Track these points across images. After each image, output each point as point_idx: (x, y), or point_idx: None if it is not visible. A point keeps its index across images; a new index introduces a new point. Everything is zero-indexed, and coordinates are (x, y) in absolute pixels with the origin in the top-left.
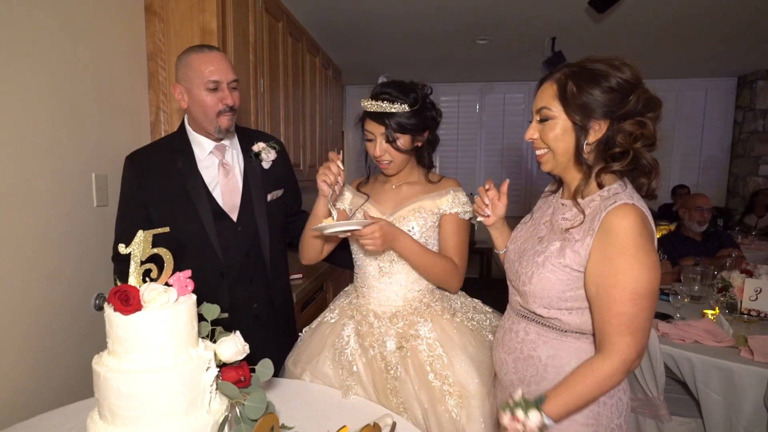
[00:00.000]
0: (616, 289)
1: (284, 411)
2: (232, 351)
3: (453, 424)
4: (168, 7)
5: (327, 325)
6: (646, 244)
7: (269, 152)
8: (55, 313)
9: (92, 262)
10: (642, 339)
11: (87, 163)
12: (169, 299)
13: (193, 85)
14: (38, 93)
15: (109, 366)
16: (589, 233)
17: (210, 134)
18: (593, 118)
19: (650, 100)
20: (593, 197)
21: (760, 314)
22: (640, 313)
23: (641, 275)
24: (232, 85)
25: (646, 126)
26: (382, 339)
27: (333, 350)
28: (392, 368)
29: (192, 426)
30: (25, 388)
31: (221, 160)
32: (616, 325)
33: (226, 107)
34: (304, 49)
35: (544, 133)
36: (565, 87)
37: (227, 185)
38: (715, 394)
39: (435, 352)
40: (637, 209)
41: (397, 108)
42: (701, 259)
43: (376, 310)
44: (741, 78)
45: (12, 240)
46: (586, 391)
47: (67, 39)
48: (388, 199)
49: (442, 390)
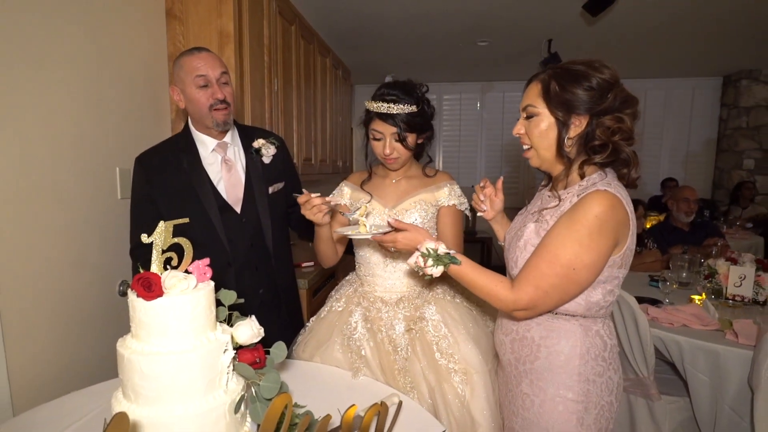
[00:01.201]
0: (549, 253)
1: (297, 391)
2: (247, 334)
3: (458, 399)
4: (187, 12)
5: (335, 313)
6: (599, 226)
7: (269, 148)
8: (82, 299)
9: (116, 250)
10: (542, 297)
11: (112, 158)
12: (189, 286)
13: (185, 85)
14: (67, 93)
15: (133, 348)
16: (558, 214)
17: (210, 131)
18: (574, 114)
19: (627, 97)
20: (574, 187)
21: (744, 299)
22: (553, 278)
23: (574, 250)
24: (222, 80)
25: (624, 121)
26: (390, 323)
27: (342, 336)
28: (401, 350)
29: (210, 405)
30: (52, 370)
31: (224, 156)
32: (532, 276)
33: (216, 101)
34: (315, 50)
35: (530, 129)
36: (548, 86)
37: (230, 180)
38: (702, 375)
39: (440, 332)
40: (609, 195)
41: (404, 108)
42: (689, 247)
43: (383, 296)
44: (726, 77)
45: (42, 230)
46: (478, 287)
47: (93, 43)
48: (389, 193)
49: (448, 368)
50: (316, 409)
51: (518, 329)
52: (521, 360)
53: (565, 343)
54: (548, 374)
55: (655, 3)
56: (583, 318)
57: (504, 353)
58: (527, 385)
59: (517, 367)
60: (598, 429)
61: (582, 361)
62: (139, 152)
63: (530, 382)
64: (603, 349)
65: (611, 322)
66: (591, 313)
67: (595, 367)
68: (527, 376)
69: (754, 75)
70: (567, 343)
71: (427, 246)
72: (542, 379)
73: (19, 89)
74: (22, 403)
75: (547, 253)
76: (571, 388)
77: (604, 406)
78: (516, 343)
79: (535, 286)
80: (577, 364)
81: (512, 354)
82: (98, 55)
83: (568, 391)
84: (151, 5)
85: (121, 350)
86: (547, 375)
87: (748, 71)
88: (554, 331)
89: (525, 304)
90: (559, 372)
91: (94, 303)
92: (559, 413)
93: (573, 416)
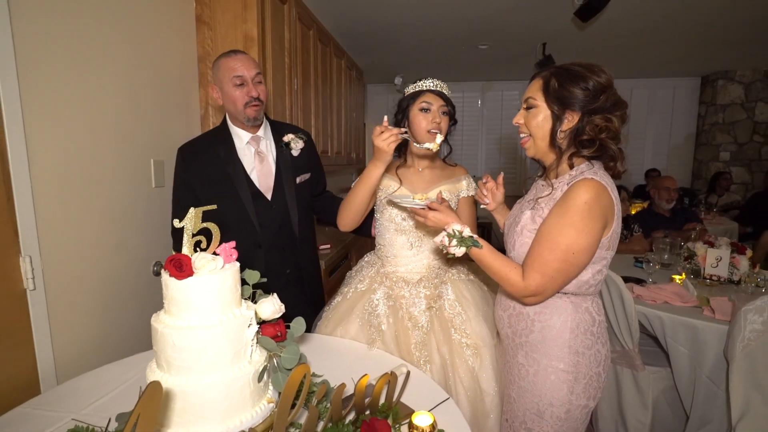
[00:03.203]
0: (549, 241)
1: (315, 362)
2: (270, 310)
3: (469, 371)
4: (215, 18)
5: (358, 293)
6: (589, 211)
7: (297, 142)
8: (120, 278)
9: (151, 234)
10: (549, 282)
11: (146, 151)
12: (217, 266)
13: (223, 84)
14: (106, 92)
15: (166, 323)
16: (553, 201)
17: (244, 125)
18: (568, 109)
19: (618, 101)
20: (564, 176)
21: (720, 279)
22: (556, 263)
23: (570, 235)
24: (257, 79)
25: (612, 122)
26: (412, 301)
27: (363, 312)
28: (422, 326)
29: (236, 374)
30: (93, 342)
31: (257, 149)
32: (537, 264)
33: (251, 99)
34: (331, 53)
35: (528, 119)
36: (549, 82)
37: (262, 170)
38: (682, 347)
39: (455, 309)
40: (595, 182)
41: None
42: (670, 232)
43: (405, 276)
44: (704, 78)
45: (84, 216)
46: (493, 270)
47: (130, 46)
48: (416, 181)
49: (461, 342)
50: (332, 379)
51: (515, 305)
52: (517, 333)
53: (557, 319)
54: (542, 346)
55: (639, 11)
56: (574, 296)
57: (502, 327)
58: (523, 357)
59: (514, 340)
60: (587, 397)
61: (572, 335)
62: (171, 145)
63: (525, 354)
64: (592, 324)
65: (600, 299)
66: (581, 291)
67: (584, 340)
68: (522, 348)
69: (730, 75)
70: (559, 319)
71: (454, 227)
72: (536, 351)
73: (67, 90)
74: (66, 372)
75: (547, 242)
76: (562, 360)
77: (592, 377)
78: (513, 318)
79: (541, 273)
80: (567, 338)
81: (509, 328)
82: (135, 58)
83: (560, 362)
84: (183, 12)
85: (155, 325)
86: (541, 347)
87: (724, 72)
88: (547, 307)
89: (534, 290)
90: (552, 345)
91: (131, 282)
92: (551, 382)
93: (564, 385)
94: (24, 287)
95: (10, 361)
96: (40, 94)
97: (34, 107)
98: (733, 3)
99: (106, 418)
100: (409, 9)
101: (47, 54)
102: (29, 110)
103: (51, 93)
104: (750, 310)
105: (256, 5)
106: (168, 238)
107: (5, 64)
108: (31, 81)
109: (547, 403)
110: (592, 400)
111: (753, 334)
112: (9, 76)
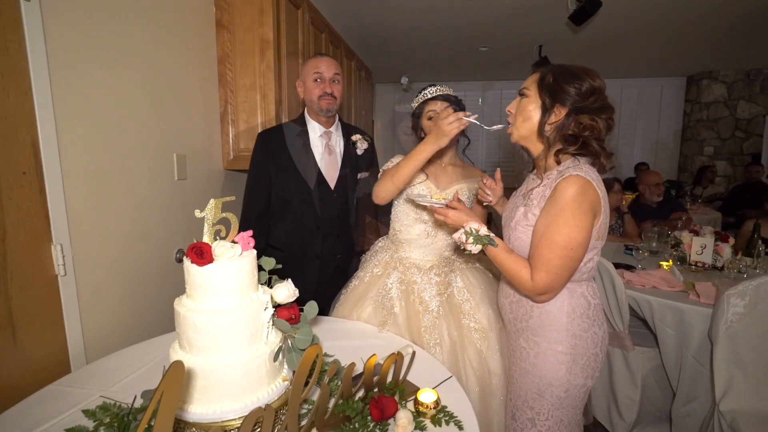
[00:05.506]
0: (546, 240)
1: (327, 342)
2: (285, 294)
3: (477, 353)
4: (234, 22)
5: (375, 277)
6: (578, 207)
7: (363, 143)
8: (145, 265)
9: (173, 224)
10: (554, 278)
11: (170, 145)
12: (235, 254)
13: (306, 80)
14: (133, 90)
15: (187, 306)
16: (543, 198)
17: (319, 117)
18: (557, 103)
19: (605, 105)
20: (552, 171)
21: (704, 265)
22: (557, 260)
23: (566, 232)
24: (334, 78)
25: (597, 122)
26: (424, 286)
27: (377, 295)
28: (432, 311)
29: (253, 354)
30: (119, 324)
31: (327, 142)
32: (541, 263)
33: (324, 93)
34: (342, 54)
35: (520, 106)
36: (545, 77)
37: (330, 162)
38: (669, 329)
39: (464, 296)
40: (581, 179)
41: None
42: (658, 221)
43: (418, 263)
44: (689, 77)
45: (111, 207)
46: (506, 268)
47: (154, 48)
48: (440, 176)
49: (469, 327)
50: (343, 358)
51: (515, 293)
52: (518, 319)
53: (554, 304)
54: (541, 330)
55: (629, 14)
56: (569, 282)
57: (505, 313)
58: (524, 340)
59: (515, 325)
60: (585, 377)
61: (569, 319)
62: (192, 141)
63: (526, 338)
64: (587, 308)
65: (594, 284)
66: (576, 277)
67: (581, 324)
68: (523, 333)
69: (713, 75)
70: (555, 304)
71: (471, 226)
72: (536, 335)
73: (95, 89)
74: (94, 352)
75: (546, 241)
76: (560, 342)
77: (590, 357)
78: (514, 305)
79: (546, 271)
80: (564, 322)
81: (511, 314)
82: (159, 60)
83: (558, 344)
84: (204, 17)
85: (177, 308)
86: (540, 331)
87: (708, 72)
88: None
89: (542, 287)
90: (550, 328)
91: (155, 268)
92: (551, 364)
93: (563, 366)
94: (55, 273)
95: (42, 343)
96: (71, 92)
97: (65, 105)
98: (716, 8)
99: (132, 395)
100: (416, 14)
101: (77, 56)
102: (60, 108)
103: (80, 92)
104: (732, 294)
105: (272, 10)
106: (189, 227)
107: (38, 64)
108: (62, 80)
109: (547, 383)
110: (590, 379)
111: (735, 316)
112: (41, 77)
